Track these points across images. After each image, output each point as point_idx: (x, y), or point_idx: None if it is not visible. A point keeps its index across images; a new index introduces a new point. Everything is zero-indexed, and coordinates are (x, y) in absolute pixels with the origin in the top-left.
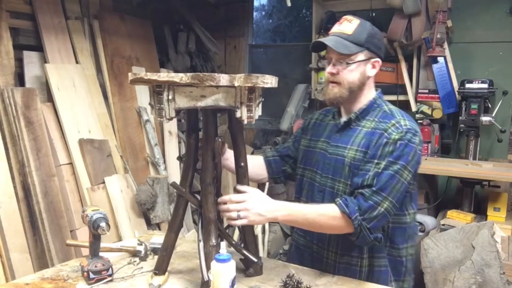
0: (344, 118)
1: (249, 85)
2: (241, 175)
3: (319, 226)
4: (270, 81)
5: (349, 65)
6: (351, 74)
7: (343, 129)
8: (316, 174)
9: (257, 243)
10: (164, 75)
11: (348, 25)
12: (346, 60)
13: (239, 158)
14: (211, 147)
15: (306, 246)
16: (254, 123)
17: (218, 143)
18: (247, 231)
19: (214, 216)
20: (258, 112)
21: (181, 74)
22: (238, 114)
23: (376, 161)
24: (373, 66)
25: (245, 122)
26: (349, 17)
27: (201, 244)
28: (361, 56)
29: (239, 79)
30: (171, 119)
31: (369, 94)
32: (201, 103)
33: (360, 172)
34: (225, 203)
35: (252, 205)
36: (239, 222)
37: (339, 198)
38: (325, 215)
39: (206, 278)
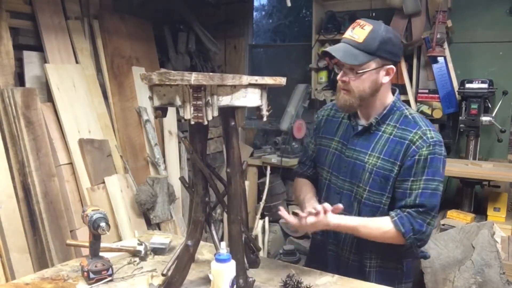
0: (363, 123)
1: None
2: (227, 180)
3: (376, 236)
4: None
5: (359, 75)
6: (361, 83)
7: (362, 133)
8: (331, 176)
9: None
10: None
11: (359, 32)
12: (356, 69)
13: (228, 163)
14: (199, 148)
15: (323, 242)
16: (253, 124)
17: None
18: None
19: (199, 218)
20: (212, 112)
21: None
22: (181, 113)
23: (412, 178)
24: (387, 73)
25: (192, 122)
26: (362, 21)
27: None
28: (372, 65)
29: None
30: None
31: (385, 99)
32: (163, 101)
33: (399, 191)
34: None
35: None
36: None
37: (394, 213)
38: (383, 229)
39: (164, 272)
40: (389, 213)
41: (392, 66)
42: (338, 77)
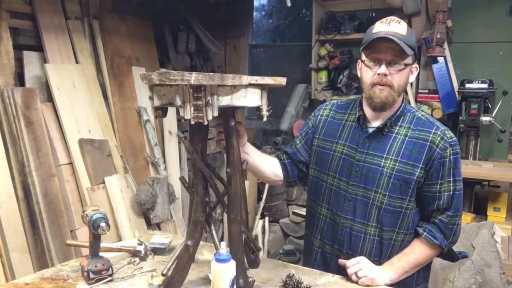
0: (372, 125)
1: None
2: (227, 180)
3: (422, 264)
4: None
5: (403, 67)
6: (401, 78)
7: (374, 136)
8: (340, 181)
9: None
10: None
11: (399, 26)
12: (403, 61)
13: (228, 163)
14: (199, 148)
15: (333, 254)
16: (253, 124)
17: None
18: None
19: (199, 218)
20: (213, 112)
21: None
22: (181, 113)
23: (440, 181)
24: (412, 72)
25: (192, 122)
26: (395, 17)
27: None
28: (409, 60)
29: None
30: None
31: (400, 100)
32: (163, 101)
33: (428, 194)
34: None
35: (366, 263)
36: (360, 281)
37: (421, 230)
38: (421, 254)
39: (164, 272)
40: (417, 229)
41: (417, 65)
42: (380, 70)
